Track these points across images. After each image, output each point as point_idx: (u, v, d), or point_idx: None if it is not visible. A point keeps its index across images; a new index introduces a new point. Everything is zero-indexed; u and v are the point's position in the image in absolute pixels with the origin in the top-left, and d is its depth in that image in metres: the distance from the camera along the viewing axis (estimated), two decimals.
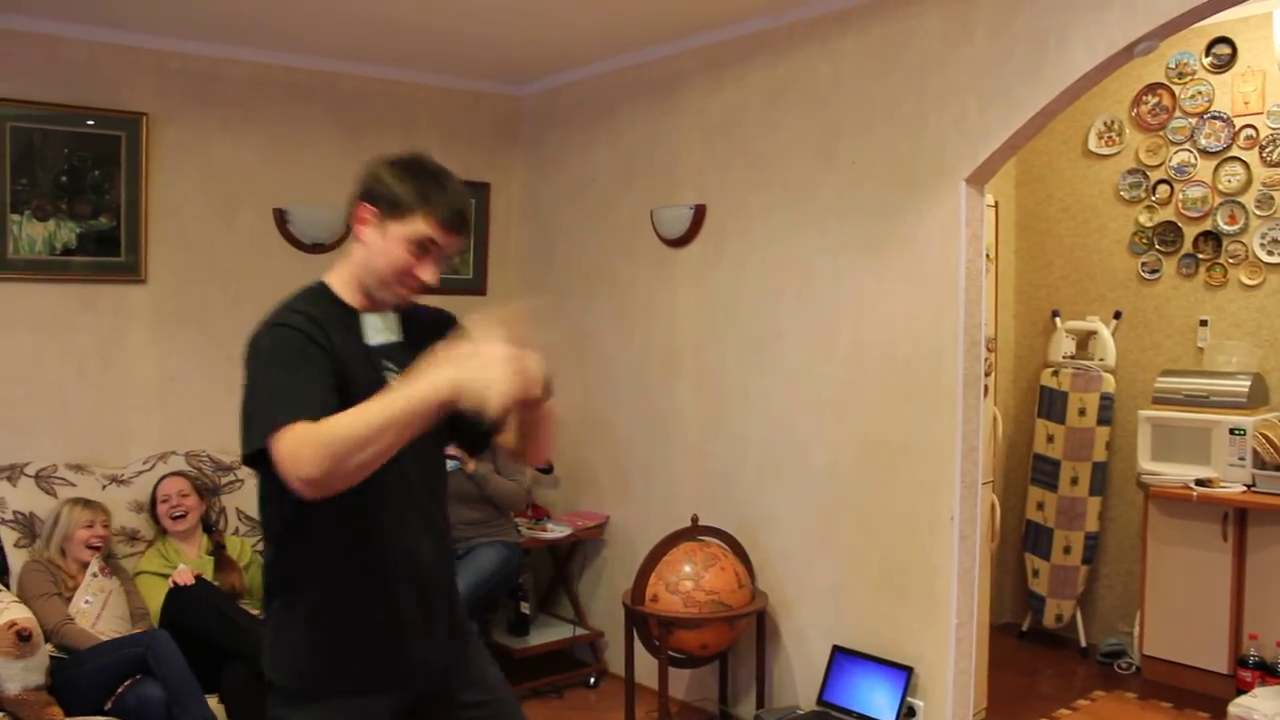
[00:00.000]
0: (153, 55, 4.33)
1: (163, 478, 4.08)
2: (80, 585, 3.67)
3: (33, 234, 4.12)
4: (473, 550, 4.21)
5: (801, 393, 4.00)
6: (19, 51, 4.05)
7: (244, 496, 4.37)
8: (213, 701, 3.42)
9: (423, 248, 2.03)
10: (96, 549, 3.73)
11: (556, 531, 4.79)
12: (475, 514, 4.24)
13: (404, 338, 2.12)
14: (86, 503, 3.80)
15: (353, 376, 1.96)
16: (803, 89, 3.99)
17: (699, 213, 4.39)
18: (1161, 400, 4.75)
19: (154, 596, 3.73)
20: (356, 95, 4.88)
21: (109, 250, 4.29)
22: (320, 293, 2.11)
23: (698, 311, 4.44)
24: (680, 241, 4.48)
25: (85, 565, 3.70)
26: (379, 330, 2.10)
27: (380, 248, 2.04)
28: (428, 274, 2.05)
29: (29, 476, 3.96)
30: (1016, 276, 5.54)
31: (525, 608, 4.82)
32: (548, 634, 4.86)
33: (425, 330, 2.11)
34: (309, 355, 1.93)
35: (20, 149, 4.06)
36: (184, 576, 3.71)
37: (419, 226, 2.02)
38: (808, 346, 4.00)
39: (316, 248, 4.78)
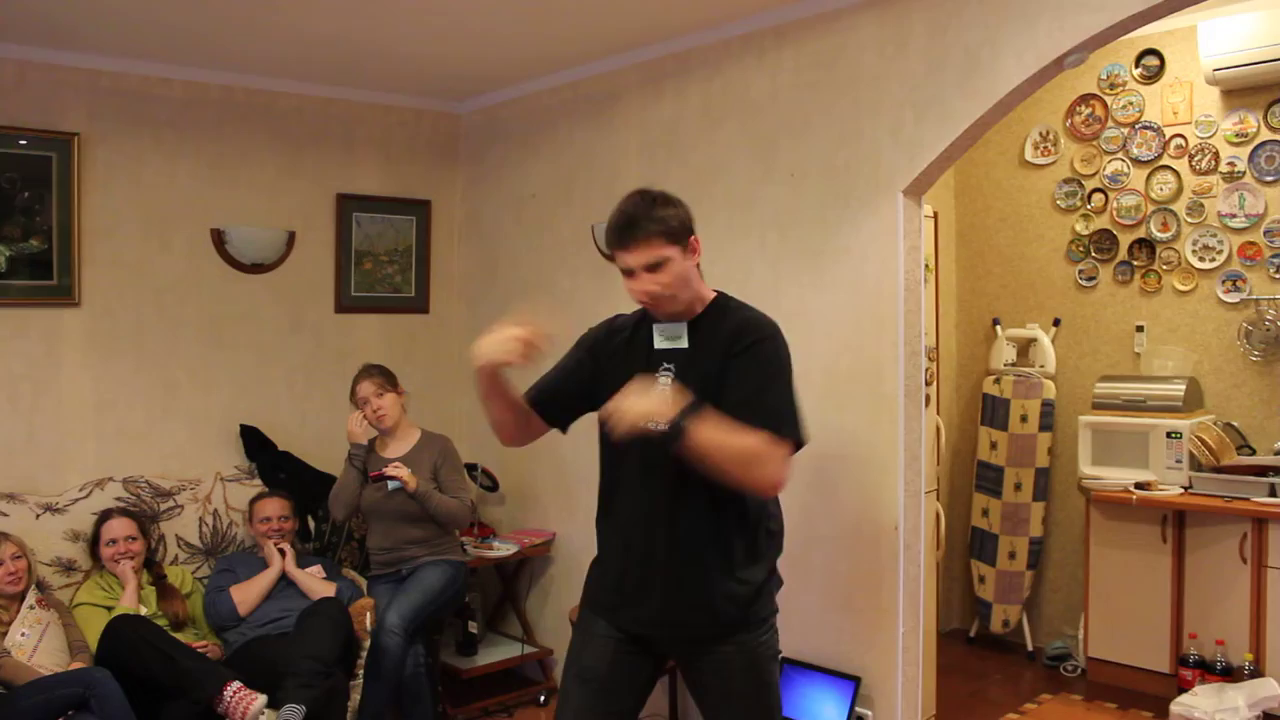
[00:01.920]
0: (84, 74, 4.26)
1: (106, 517, 3.97)
2: (16, 618, 3.57)
3: None
4: (417, 570, 4.17)
5: None
6: None
7: (183, 523, 4.30)
8: None
9: (624, 273, 2.50)
10: (13, 581, 3.61)
11: (503, 549, 4.75)
12: (419, 533, 4.19)
13: (690, 344, 2.53)
14: None
15: (615, 372, 2.51)
16: (740, 102, 4.01)
17: None
18: (1100, 405, 4.82)
19: (93, 629, 3.64)
20: (294, 113, 4.83)
21: (41, 274, 4.20)
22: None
23: None
24: None
25: (11, 599, 3.60)
26: (664, 338, 2.56)
27: None
28: (635, 289, 2.49)
29: None
30: (957, 285, 5.60)
31: (473, 627, 4.78)
32: (496, 653, 4.82)
33: (715, 339, 2.51)
34: (571, 353, 2.70)
35: None
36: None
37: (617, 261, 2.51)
38: None
39: (256, 268, 4.73)
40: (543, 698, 4.77)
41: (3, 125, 4.08)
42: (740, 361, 2.46)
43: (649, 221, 2.43)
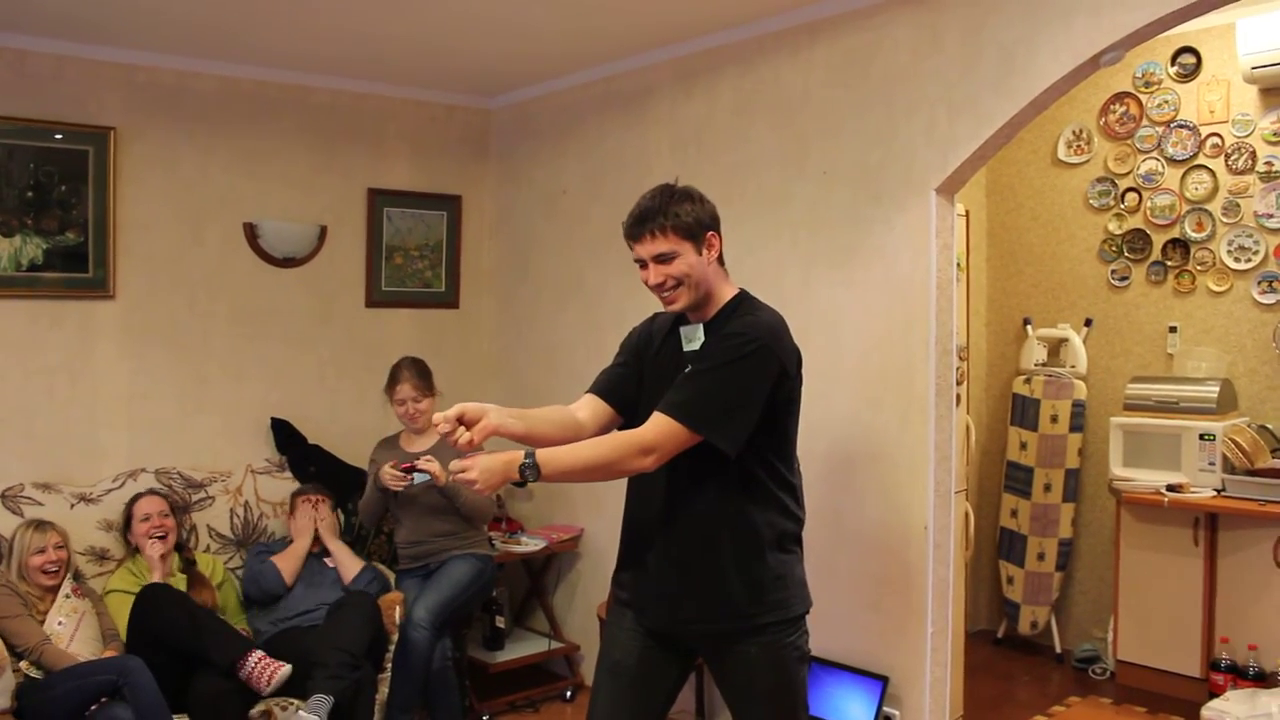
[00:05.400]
0: (120, 69, 4.29)
1: (138, 496, 4.03)
2: (53, 607, 3.62)
3: None
4: (445, 564, 4.19)
5: None
6: None
7: (215, 514, 4.34)
8: None
9: (638, 263, 2.56)
10: (54, 573, 3.67)
11: (531, 545, 4.77)
12: (447, 527, 4.21)
13: (704, 345, 2.57)
14: (38, 526, 3.74)
15: (654, 373, 2.63)
16: (772, 100, 4.00)
17: None
18: (1132, 406, 4.78)
19: (124, 616, 3.69)
20: (327, 108, 4.85)
21: (76, 266, 4.24)
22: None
23: None
24: None
25: (48, 589, 3.66)
26: (687, 340, 2.61)
27: None
28: (645, 280, 2.55)
29: None
30: (988, 285, 5.57)
31: (500, 621, 4.79)
32: (523, 648, 4.84)
33: (714, 339, 2.55)
34: (619, 355, 2.78)
35: None
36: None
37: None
38: None
39: (288, 261, 4.76)
40: (569, 693, 4.78)
41: (40, 119, 4.12)
42: (706, 347, 2.53)
43: (662, 215, 2.49)
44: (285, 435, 4.70)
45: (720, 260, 2.60)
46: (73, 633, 3.60)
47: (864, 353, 3.71)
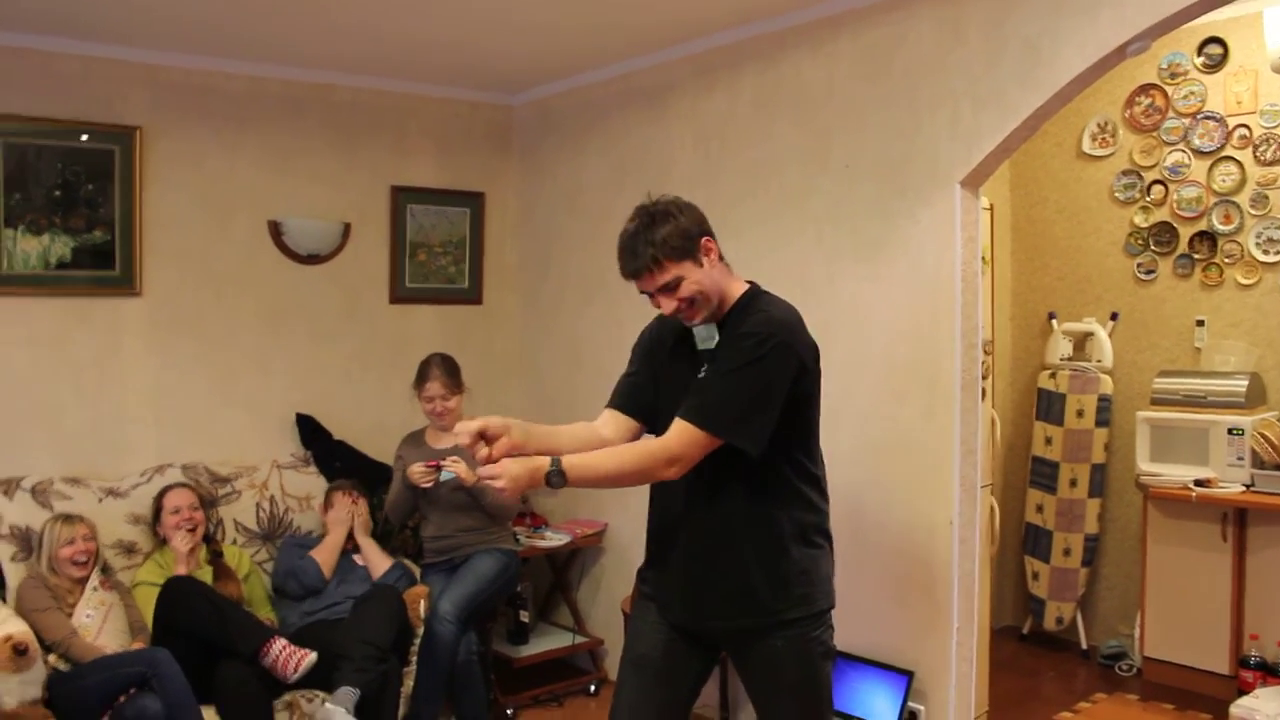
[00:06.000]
0: (145, 69, 4.33)
1: (168, 489, 4.05)
2: (81, 599, 3.66)
3: (27, 249, 4.12)
4: (470, 559, 4.20)
5: None
6: (12, 66, 4.05)
7: (241, 508, 4.37)
8: (208, 713, 3.42)
9: (647, 296, 2.53)
10: (83, 565, 3.71)
11: (555, 540, 4.78)
12: (472, 522, 4.22)
13: (719, 344, 2.53)
14: (67, 519, 3.77)
15: (670, 373, 2.61)
16: (795, 95, 3.99)
17: None
18: (1159, 401, 4.75)
19: (151, 608, 3.71)
20: (350, 106, 4.88)
21: (103, 264, 4.28)
22: None
23: None
24: None
25: (77, 581, 3.69)
26: (701, 340, 2.57)
27: None
28: (664, 311, 2.53)
29: (25, 490, 3.95)
30: (1013, 279, 5.54)
31: (524, 616, 4.81)
32: (547, 642, 4.85)
33: (729, 338, 2.50)
34: (632, 360, 2.77)
35: (14, 164, 4.05)
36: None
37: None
38: None
39: (312, 259, 4.79)
40: (593, 687, 4.79)
41: (67, 120, 4.16)
42: (721, 348, 2.49)
43: (647, 247, 2.42)
44: (310, 431, 4.73)
45: (720, 257, 2.55)
46: (101, 625, 3.63)
47: (889, 347, 3.70)
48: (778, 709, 2.61)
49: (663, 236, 2.42)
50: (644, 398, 2.68)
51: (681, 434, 2.40)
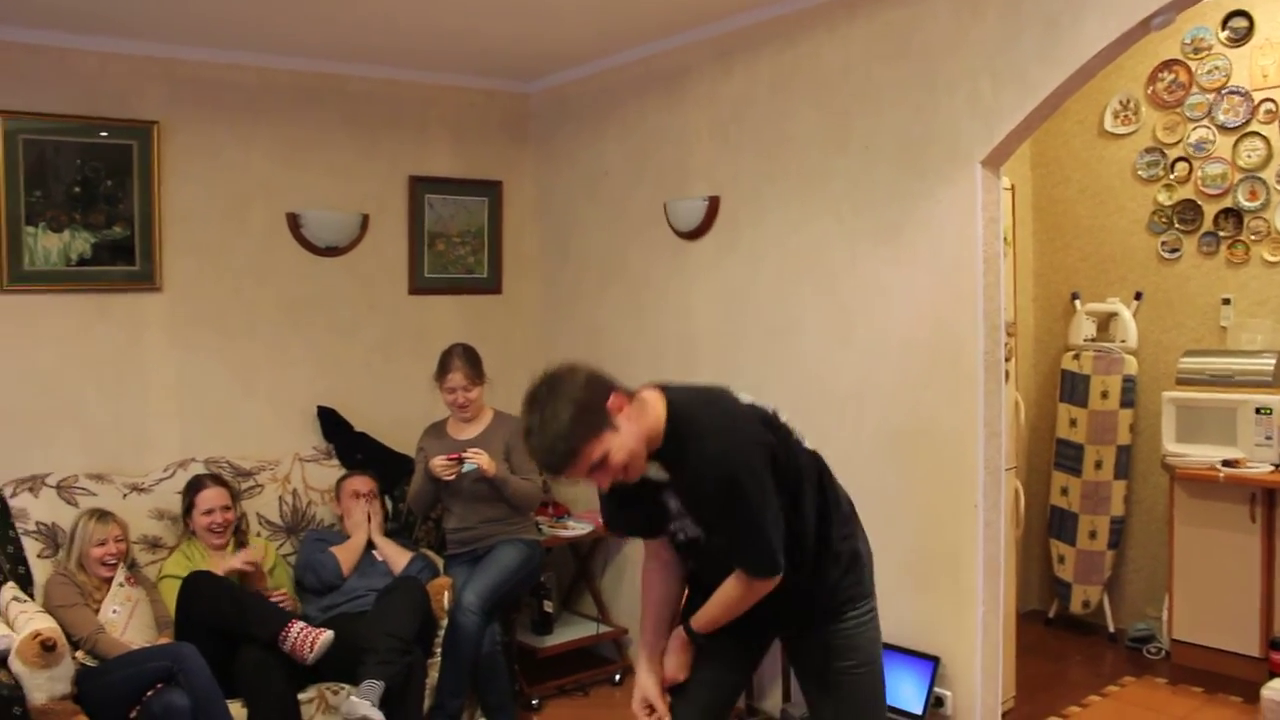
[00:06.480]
0: (161, 63, 4.33)
1: (201, 484, 4.05)
2: (107, 595, 3.68)
3: (48, 246, 4.13)
4: (493, 549, 4.20)
5: (820, 382, 3.97)
6: (29, 64, 4.06)
7: (264, 502, 4.38)
8: (235, 707, 3.43)
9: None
10: (112, 565, 3.72)
11: (578, 529, 4.78)
12: (495, 512, 4.22)
13: (671, 476, 2.42)
14: (100, 517, 3.77)
15: (632, 498, 2.49)
16: (812, 76, 3.96)
17: (713, 204, 4.36)
18: (1185, 381, 4.70)
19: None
20: (365, 97, 4.87)
21: (124, 259, 4.29)
22: None
23: (713, 303, 4.42)
24: (695, 234, 4.46)
25: (105, 579, 3.71)
26: (652, 474, 2.42)
27: None
28: (604, 487, 2.41)
29: (50, 487, 3.97)
30: (1034, 260, 5.49)
31: (548, 606, 4.81)
32: (571, 632, 4.85)
33: (684, 476, 2.39)
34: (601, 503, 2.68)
35: (33, 161, 4.06)
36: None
37: None
38: (825, 335, 3.97)
39: (330, 250, 4.79)
40: (618, 676, 4.78)
41: (86, 116, 4.16)
42: (707, 511, 2.39)
43: (558, 442, 2.22)
44: (332, 423, 4.74)
45: (629, 398, 2.33)
46: (127, 620, 3.64)
47: (911, 329, 3.67)
48: (827, 696, 2.59)
49: (568, 425, 2.21)
50: (619, 512, 2.63)
51: (755, 580, 2.40)
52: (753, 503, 2.31)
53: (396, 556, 4.16)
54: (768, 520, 2.34)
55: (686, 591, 2.69)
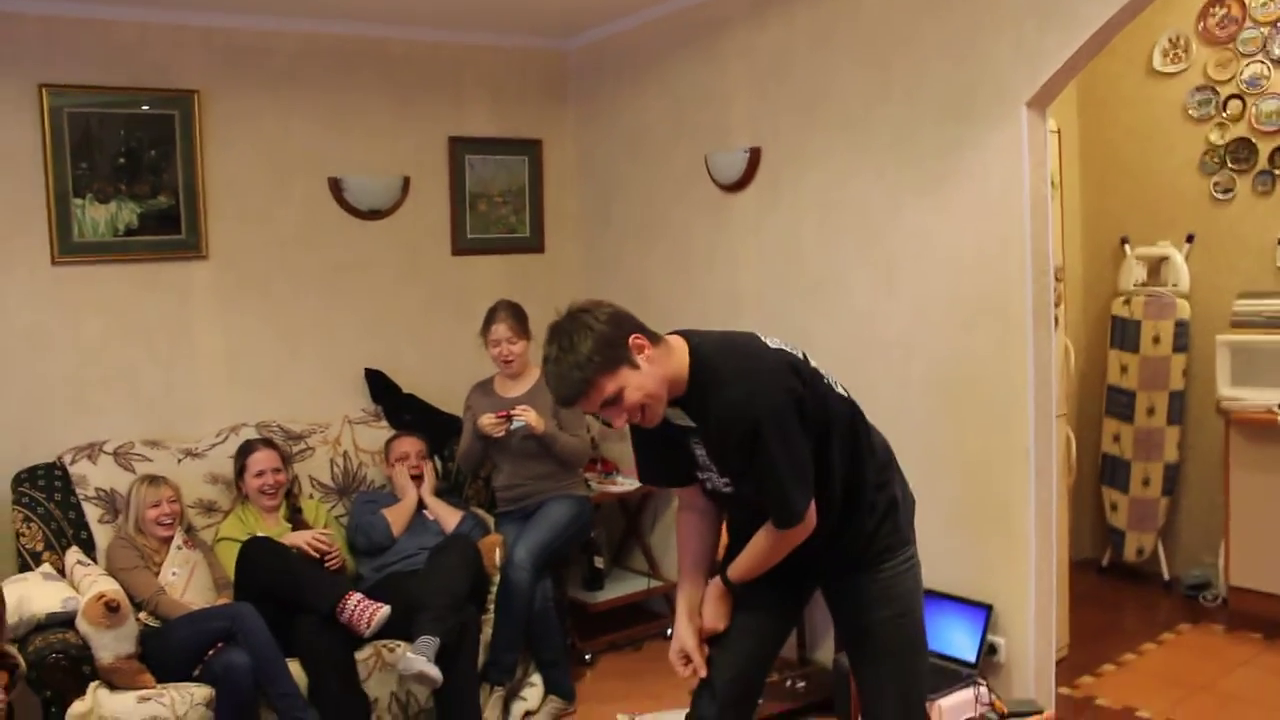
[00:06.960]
0: (200, 32, 4.35)
1: (252, 447, 4.11)
2: (166, 558, 3.75)
3: (95, 217, 4.18)
4: (543, 506, 4.22)
5: (867, 333, 3.94)
6: (71, 37, 4.09)
7: (315, 464, 4.43)
8: (293, 666, 3.49)
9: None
10: (168, 525, 3.79)
11: (626, 484, 4.80)
12: (544, 469, 4.24)
13: (696, 423, 2.39)
14: (152, 480, 3.85)
15: (660, 442, 2.49)
16: (851, 24, 3.90)
17: (754, 156, 4.32)
18: (1240, 324, 4.62)
19: (233, 563, 3.79)
20: (403, 59, 4.86)
21: (170, 228, 4.34)
22: None
23: (757, 256, 4.39)
24: (736, 186, 4.42)
25: (163, 540, 3.78)
26: (674, 420, 2.41)
27: None
28: (617, 424, 2.38)
29: (108, 454, 4.04)
30: (1082, 204, 5.39)
31: (599, 562, 4.84)
32: (622, 587, 4.89)
33: (708, 422, 2.36)
34: (632, 436, 2.61)
35: (79, 134, 4.10)
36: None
37: None
38: (871, 285, 3.93)
39: (374, 214, 4.81)
40: (669, 631, 4.79)
41: (127, 87, 4.20)
42: (732, 460, 2.36)
43: (572, 370, 2.24)
44: (380, 385, 4.78)
45: (653, 339, 2.33)
46: (186, 582, 3.72)
47: (958, 277, 3.62)
48: (864, 643, 2.58)
49: (586, 355, 2.23)
50: (654, 459, 2.60)
51: (784, 530, 2.38)
52: (775, 452, 2.27)
53: (447, 516, 4.20)
54: (794, 469, 2.31)
55: (725, 540, 2.69)
